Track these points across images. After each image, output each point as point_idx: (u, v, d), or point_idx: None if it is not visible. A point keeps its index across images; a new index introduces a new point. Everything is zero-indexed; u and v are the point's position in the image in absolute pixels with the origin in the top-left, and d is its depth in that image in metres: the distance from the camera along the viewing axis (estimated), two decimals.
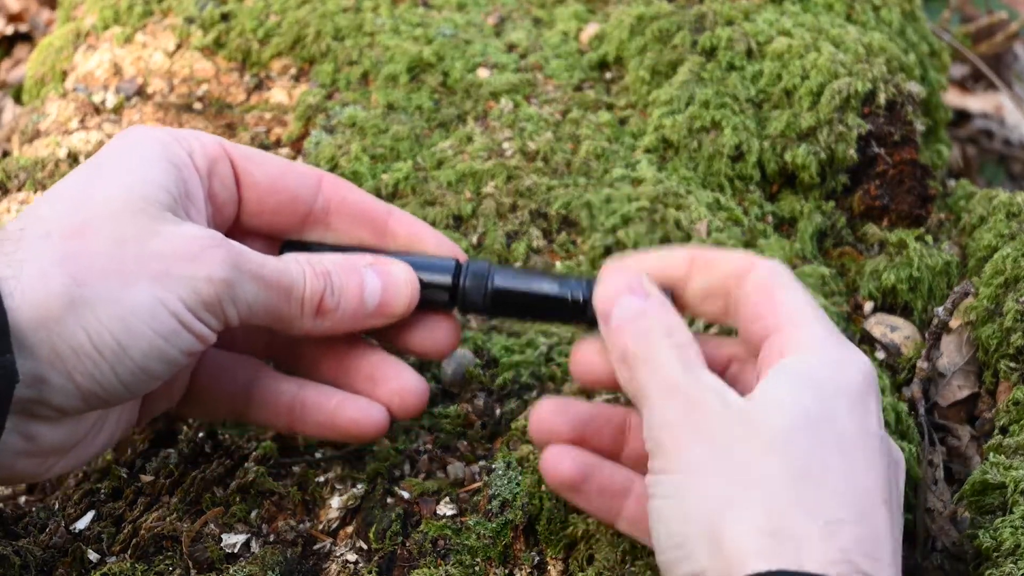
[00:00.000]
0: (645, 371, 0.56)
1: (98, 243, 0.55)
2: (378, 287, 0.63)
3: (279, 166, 0.65)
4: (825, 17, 1.03)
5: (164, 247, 0.56)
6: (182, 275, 0.56)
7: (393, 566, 0.65)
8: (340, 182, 0.66)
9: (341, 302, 0.62)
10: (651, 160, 0.94)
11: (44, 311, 0.53)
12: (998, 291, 0.84)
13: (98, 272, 0.54)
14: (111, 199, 0.56)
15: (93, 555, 0.66)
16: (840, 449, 0.52)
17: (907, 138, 0.95)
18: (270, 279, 0.59)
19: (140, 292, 0.54)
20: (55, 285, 0.53)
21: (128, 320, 0.54)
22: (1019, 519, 0.68)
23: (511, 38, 1.06)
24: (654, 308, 0.58)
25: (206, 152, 0.62)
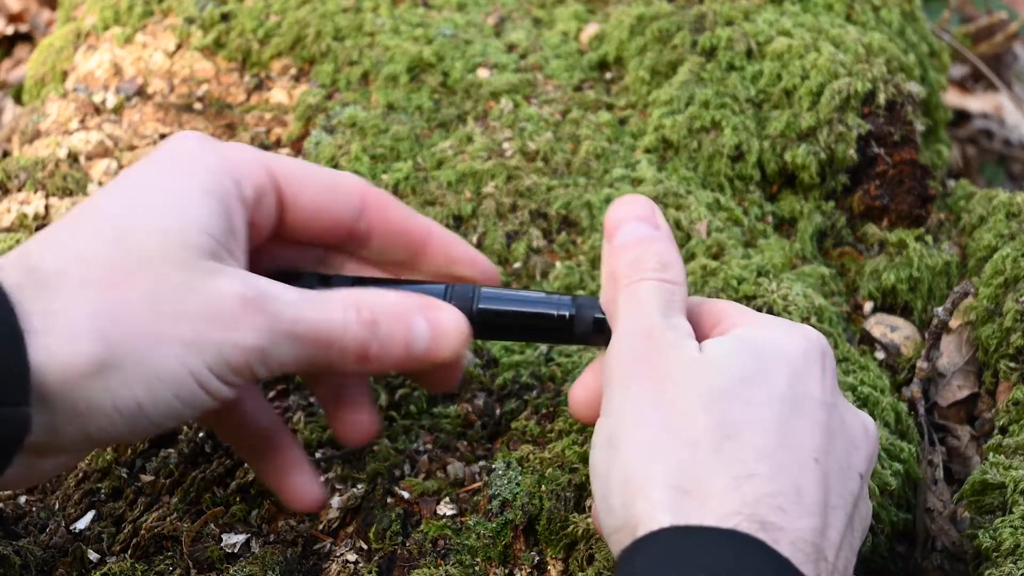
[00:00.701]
0: (624, 297, 0.57)
1: (134, 298, 0.53)
2: (426, 336, 0.60)
3: (324, 189, 0.62)
4: (825, 17, 1.03)
5: (198, 308, 0.54)
6: (213, 341, 0.54)
7: (393, 566, 0.65)
8: (383, 200, 0.64)
9: (386, 352, 0.59)
10: (651, 160, 0.94)
11: (70, 372, 0.51)
12: (998, 291, 0.84)
13: (130, 333, 0.52)
14: (152, 244, 0.54)
15: (93, 555, 0.66)
16: (769, 408, 0.53)
17: (907, 138, 0.95)
18: (308, 336, 0.56)
19: (168, 357, 0.53)
20: (85, 346, 0.51)
21: (152, 385, 0.53)
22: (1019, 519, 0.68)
23: (511, 38, 1.06)
24: (657, 238, 0.59)
25: (254, 182, 0.59)
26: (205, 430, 0.73)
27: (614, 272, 0.58)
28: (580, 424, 0.71)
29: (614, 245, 0.59)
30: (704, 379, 0.54)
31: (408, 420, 0.74)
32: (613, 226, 0.60)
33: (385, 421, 0.74)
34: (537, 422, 0.72)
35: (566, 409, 0.72)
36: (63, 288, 0.52)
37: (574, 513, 0.66)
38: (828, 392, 0.56)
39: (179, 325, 0.53)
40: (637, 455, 0.52)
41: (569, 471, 0.68)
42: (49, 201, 0.91)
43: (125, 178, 0.58)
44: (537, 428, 0.71)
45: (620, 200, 0.61)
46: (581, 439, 0.70)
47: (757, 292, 0.82)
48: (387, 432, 0.73)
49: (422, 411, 0.74)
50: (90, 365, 0.51)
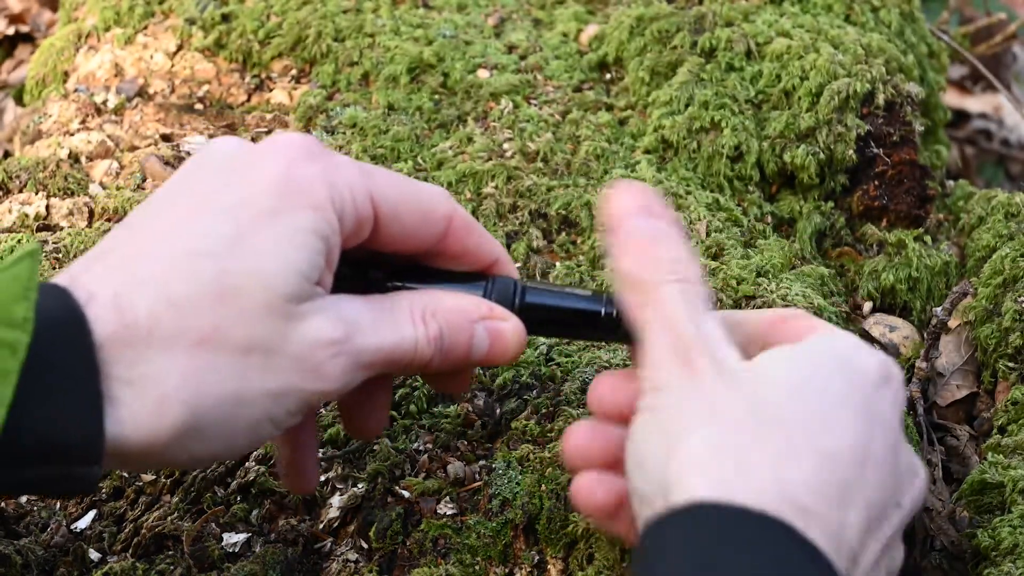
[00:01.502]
0: (647, 302, 0.54)
1: (224, 358, 0.51)
2: (485, 346, 0.60)
3: (417, 216, 0.59)
4: (824, 18, 1.03)
5: (287, 361, 0.52)
6: (298, 390, 0.53)
7: (393, 565, 0.65)
8: (466, 227, 0.61)
9: (445, 362, 0.59)
10: (651, 160, 0.94)
11: (152, 440, 0.50)
12: (997, 291, 0.85)
13: (217, 397, 0.51)
14: (247, 295, 0.51)
15: (94, 554, 0.66)
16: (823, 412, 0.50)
17: (906, 139, 0.95)
18: (383, 360, 0.56)
19: (253, 412, 0.52)
20: (170, 417, 0.50)
21: (233, 441, 0.53)
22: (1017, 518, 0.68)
23: (511, 39, 1.06)
24: (665, 234, 0.56)
25: (357, 214, 0.56)
26: None
27: (628, 276, 0.55)
28: None
29: (621, 242, 0.56)
30: (756, 382, 0.51)
31: (408, 420, 0.74)
32: (616, 220, 0.56)
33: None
34: (537, 422, 0.72)
35: (566, 409, 0.72)
36: (153, 348, 0.50)
37: (574, 512, 0.66)
38: (896, 420, 0.53)
39: (266, 382, 0.52)
40: (679, 427, 0.50)
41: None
42: (50, 201, 0.91)
43: (220, 194, 0.54)
44: (537, 428, 0.72)
45: (618, 188, 0.57)
46: None
47: (756, 292, 0.82)
48: (387, 432, 0.73)
49: (422, 411, 0.74)
50: (172, 434, 0.50)
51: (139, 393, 0.49)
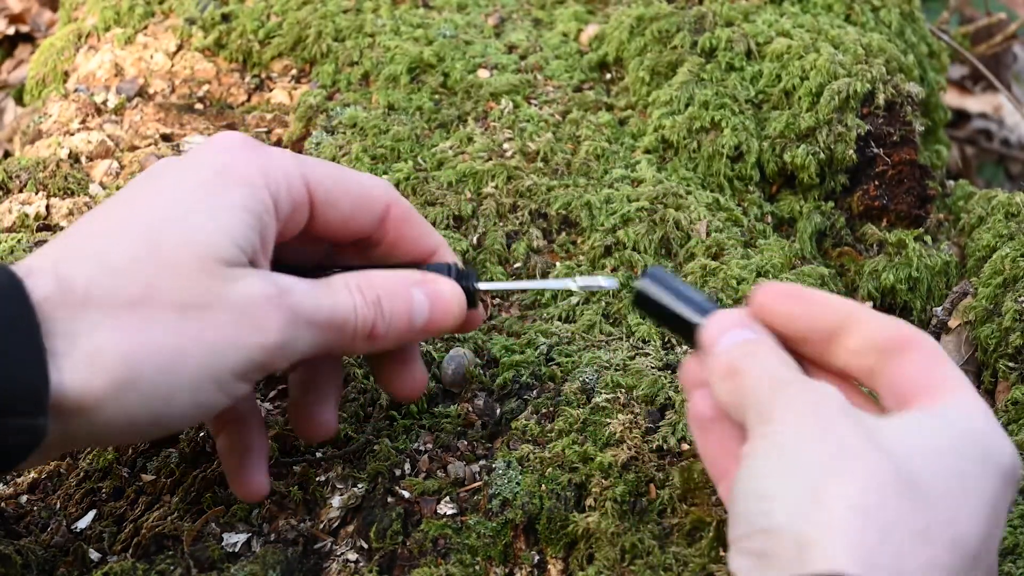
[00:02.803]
0: (752, 374, 0.54)
1: (159, 314, 0.53)
2: (425, 308, 0.62)
3: (354, 201, 0.63)
4: (824, 18, 1.03)
5: (223, 314, 0.54)
6: (238, 343, 0.55)
7: (394, 565, 0.65)
8: (404, 214, 0.65)
9: (391, 328, 0.61)
10: (651, 160, 0.94)
11: (88, 395, 0.51)
12: (997, 291, 0.85)
13: (154, 351, 0.53)
14: (181, 258, 0.54)
15: (94, 554, 0.66)
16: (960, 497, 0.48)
17: (906, 138, 0.95)
18: (324, 323, 0.58)
19: (191, 368, 0.54)
20: (105, 372, 0.52)
21: (173, 397, 0.54)
22: (1018, 518, 0.68)
23: (511, 39, 1.06)
24: (762, 337, 0.56)
25: (292, 198, 0.60)
26: (205, 429, 0.74)
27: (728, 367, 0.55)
28: (580, 424, 0.71)
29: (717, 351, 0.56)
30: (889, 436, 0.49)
31: (408, 420, 0.74)
32: (712, 339, 0.57)
33: (386, 421, 0.74)
34: (537, 422, 0.72)
35: (566, 409, 0.72)
36: (91, 308, 0.52)
37: (574, 512, 0.66)
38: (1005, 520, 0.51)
39: (204, 334, 0.54)
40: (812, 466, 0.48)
41: (569, 471, 0.68)
42: (50, 201, 0.91)
43: (164, 180, 0.58)
44: (537, 428, 0.72)
45: (715, 316, 0.58)
46: (581, 439, 0.70)
47: None
48: (387, 432, 0.73)
49: (422, 411, 0.75)
50: (108, 389, 0.52)
51: (76, 346, 0.51)
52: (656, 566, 0.63)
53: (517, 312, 0.84)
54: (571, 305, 0.83)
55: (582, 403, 0.73)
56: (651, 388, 0.73)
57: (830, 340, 0.56)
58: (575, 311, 0.83)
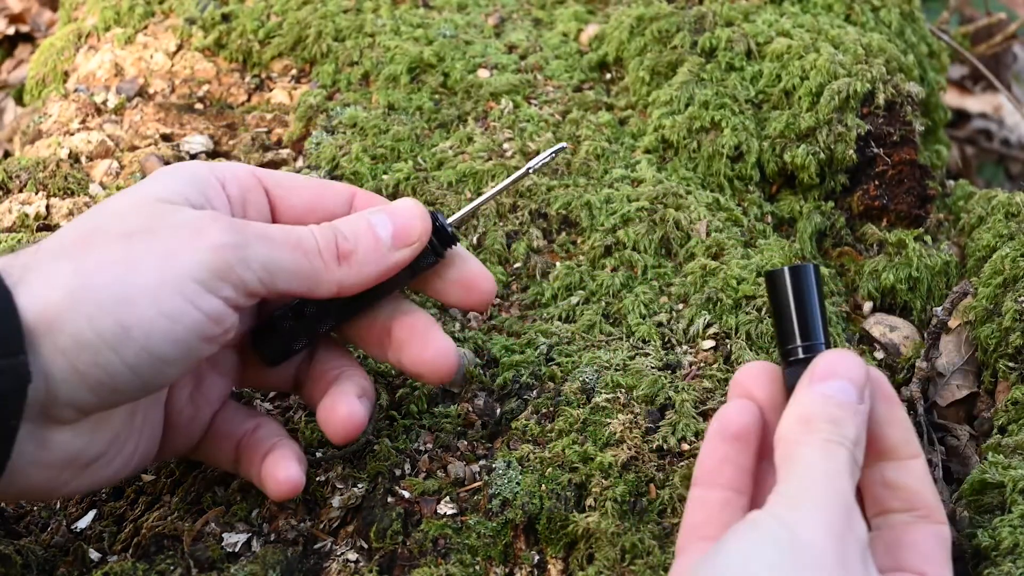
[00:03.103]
0: (823, 456, 0.53)
1: (104, 240, 0.56)
2: (387, 221, 0.63)
3: (313, 191, 0.66)
4: (824, 18, 1.03)
5: (169, 231, 0.56)
6: (187, 249, 0.56)
7: (394, 565, 0.65)
8: (370, 199, 0.67)
9: (358, 243, 0.62)
10: (651, 160, 0.94)
11: (45, 307, 0.53)
12: (997, 291, 0.85)
13: (102, 263, 0.55)
14: (122, 204, 0.58)
15: (94, 554, 0.66)
16: None
17: (906, 138, 0.95)
18: (277, 237, 0.60)
19: (144, 275, 0.55)
20: (58, 280, 0.54)
21: (131, 303, 0.54)
22: (1018, 518, 0.68)
23: (511, 39, 1.06)
24: (861, 412, 0.56)
25: (239, 181, 0.63)
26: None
27: (811, 416, 0.54)
28: (580, 424, 0.71)
29: (817, 390, 0.56)
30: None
31: (409, 420, 0.74)
32: (825, 373, 0.56)
33: (386, 421, 0.74)
34: (537, 422, 0.72)
35: (566, 409, 0.72)
36: (40, 254, 0.56)
37: (574, 512, 0.66)
38: None
39: (152, 248, 0.56)
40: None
41: (569, 471, 0.68)
42: (50, 201, 0.91)
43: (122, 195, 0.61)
44: (537, 428, 0.72)
45: (842, 353, 0.57)
46: (581, 439, 0.70)
47: (757, 292, 0.82)
48: (388, 432, 0.73)
49: (423, 411, 0.74)
50: (62, 294, 0.53)
51: (33, 278, 0.54)
52: (656, 566, 0.63)
53: (517, 312, 0.84)
54: (571, 305, 0.83)
55: (582, 403, 0.73)
56: (651, 388, 0.73)
57: (878, 458, 0.57)
58: (575, 311, 0.83)
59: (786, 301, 0.59)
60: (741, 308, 0.81)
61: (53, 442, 0.56)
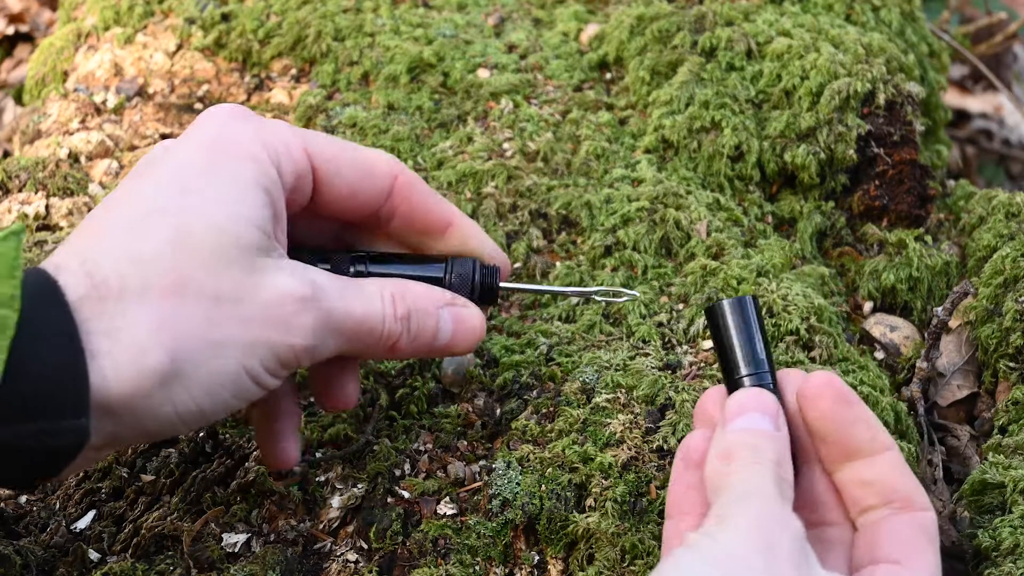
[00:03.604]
0: (738, 465, 0.55)
1: (194, 305, 0.54)
2: (449, 331, 0.64)
3: (357, 173, 0.63)
4: (825, 18, 1.03)
5: (257, 311, 0.55)
6: (270, 342, 0.56)
7: (393, 565, 0.65)
8: (410, 185, 0.65)
9: (413, 343, 0.62)
10: (651, 160, 0.94)
11: (135, 388, 0.52)
12: (997, 291, 0.85)
13: (192, 343, 0.53)
14: (209, 243, 0.55)
15: (94, 554, 0.66)
16: None
17: (906, 138, 0.95)
18: (353, 332, 0.59)
19: (229, 362, 0.55)
20: (150, 362, 0.52)
21: (214, 390, 0.55)
22: (1018, 518, 0.68)
23: (511, 39, 1.06)
24: (777, 437, 0.56)
25: (294, 167, 0.60)
26: (206, 430, 0.73)
27: (731, 450, 0.56)
28: (580, 424, 0.71)
29: (730, 428, 0.57)
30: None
31: (408, 420, 0.74)
32: (735, 412, 0.57)
33: (386, 421, 0.74)
34: (537, 422, 0.72)
35: (566, 409, 0.72)
36: (125, 301, 0.52)
37: (574, 512, 0.66)
38: None
39: (238, 330, 0.55)
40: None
41: (569, 471, 0.68)
42: (50, 201, 0.91)
43: (168, 165, 0.58)
44: (537, 428, 0.71)
45: (749, 391, 0.59)
46: (581, 439, 0.70)
47: (757, 292, 0.82)
48: (387, 432, 0.73)
49: (422, 411, 0.74)
50: (154, 380, 0.52)
51: (117, 342, 0.52)
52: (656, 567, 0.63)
53: (517, 312, 0.84)
54: (571, 305, 0.83)
55: (582, 403, 0.73)
56: (651, 388, 0.73)
57: (850, 457, 0.57)
58: (575, 311, 0.82)
59: (729, 333, 0.61)
60: None
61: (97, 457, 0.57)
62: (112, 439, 0.54)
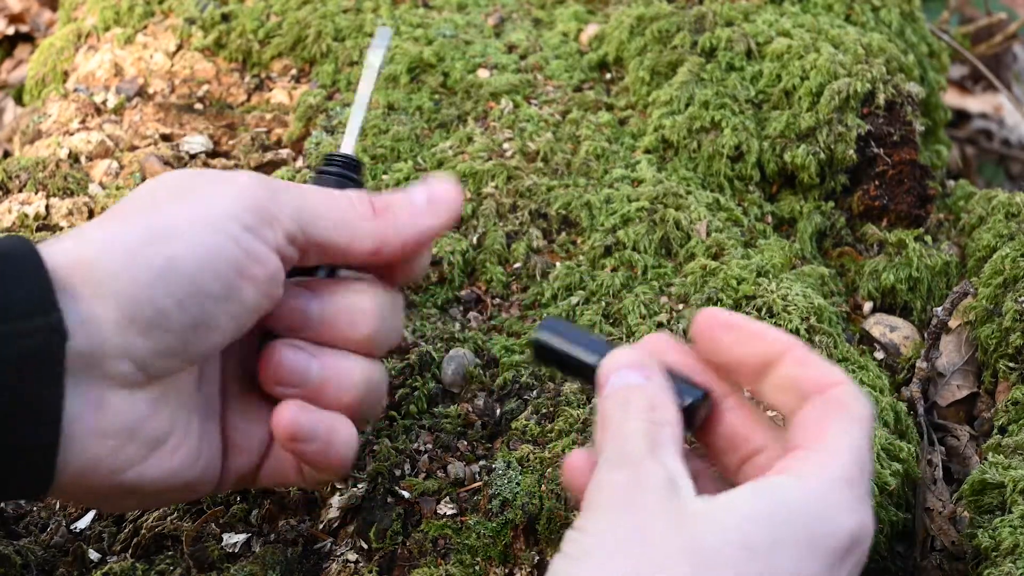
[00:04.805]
0: (609, 433, 0.53)
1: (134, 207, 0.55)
2: (422, 188, 0.62)
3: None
4: (824, 18, 1.03)
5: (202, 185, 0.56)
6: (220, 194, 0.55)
7: (393, 565, 0.65)
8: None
9: (391, 202, 0.61)
10: (651, 160, 0.94)
11: (79, 256, 0.51)
12: (997, 291, 0.85)
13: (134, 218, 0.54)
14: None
15: (94, 554, 0.66)
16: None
17: (906, 138, 0.95)
18: (307, 188, 0.59)
19: (178, 217, 0.54)
20: (89, 234, 0.53)
21: (168, 239, 0.53)
22: (1018, 519, 0.68)
23: (511, 39, 1.06)
24: (646, 385, 0.55)
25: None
26: None
27: (603, 416, 0.55)
28: (580, 424, 0.71)
29: (603, 395, 0.56)
30: (701, 532, 0.48)
31: (408, 420, 0.74)
32: (603, 376, 0.56)
33: (386, 421, 0.74)
34: (537, 422, 0.72)
35: (566, 409, 0.72)
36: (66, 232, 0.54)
37: (574, 512, 0.66)
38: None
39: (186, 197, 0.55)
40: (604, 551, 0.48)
41: None
42: (50, 201, 0.91)
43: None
44: (537, 428, 0.72)
45: (612, 354, 0.57)
46: (581, 439, 0.70)
47: (757, 292, 0.82)
48: (388, 432, 0.73)
49: (422, 411, 0.74)
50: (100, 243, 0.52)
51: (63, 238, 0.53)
52: None
53: (517, 312, 0.84)
54: (571, 305, 0.83)
55: (582, 403, 0.73)
56: None
57: (760, 373, 0.56)
58: (575, 311, 0.83)
59: (564, 347, 0.60)
60: (741, 308, 0.81)
61: (110, 404, 0.52)
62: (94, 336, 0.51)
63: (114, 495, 0.56)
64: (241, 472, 0.61)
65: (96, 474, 0.53)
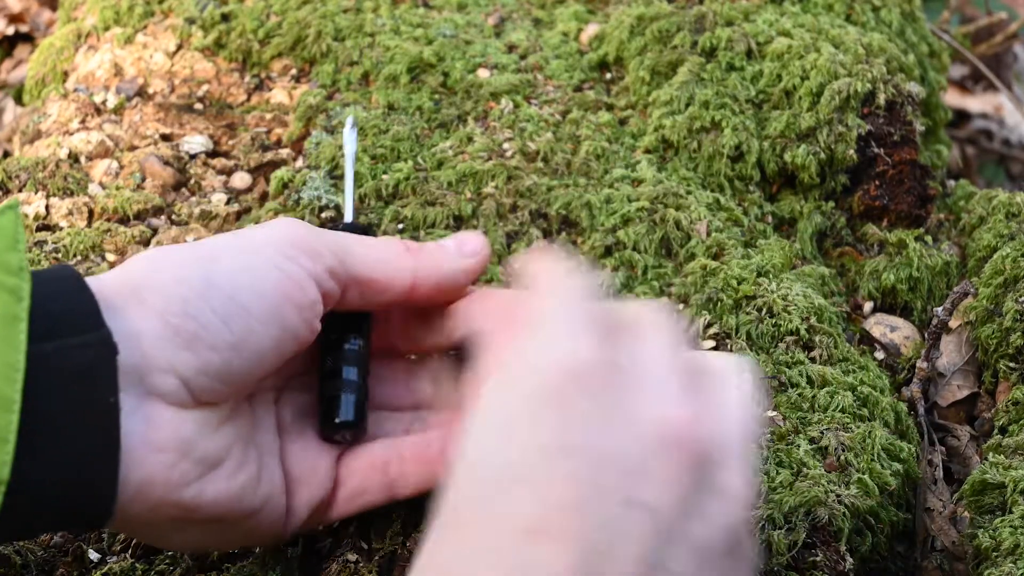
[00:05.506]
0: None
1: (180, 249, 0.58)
2: (451, 237, 0.64)
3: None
4: (825, 18, 1.03)
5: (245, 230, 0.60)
6: (261, 229, 0.58)
7: (393, 565, 0.65)
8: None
9: (423, 246, 0.62)
10: (651, 160, 0.94)
11: (125, 278, 0.53)
12: (998, 291, 0.85)
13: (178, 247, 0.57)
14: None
15: (94, 554, 0.66)
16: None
17: (907, 138, 0.95)
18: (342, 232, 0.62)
19: (221, 245, 0.56)
20: (133, 263, 0.55)
21: (213, 260, 0.55)
22: (1018, 519, 0.68)
23: (511, 39, 1.06)
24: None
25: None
26: None
27: None
28: None
29: None
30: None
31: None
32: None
33: None
34: None
35: None
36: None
37: None
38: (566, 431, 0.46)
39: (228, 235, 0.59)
40: None
41: None
42: (50, 201, 0.91)
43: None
44: None
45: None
46: None
47: (757, 292, 0.82)
48: None
49: None
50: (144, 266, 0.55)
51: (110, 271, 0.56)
52: None
53: None
54: None
55: None
56: None
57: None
58: None
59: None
60: (741, 308, 0.81)
61: (161, 418, 0.52)
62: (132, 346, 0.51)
63: (176, 518, 0.55)
64: (312, 504, 0.61)
65: (153, 490, 0.53)
